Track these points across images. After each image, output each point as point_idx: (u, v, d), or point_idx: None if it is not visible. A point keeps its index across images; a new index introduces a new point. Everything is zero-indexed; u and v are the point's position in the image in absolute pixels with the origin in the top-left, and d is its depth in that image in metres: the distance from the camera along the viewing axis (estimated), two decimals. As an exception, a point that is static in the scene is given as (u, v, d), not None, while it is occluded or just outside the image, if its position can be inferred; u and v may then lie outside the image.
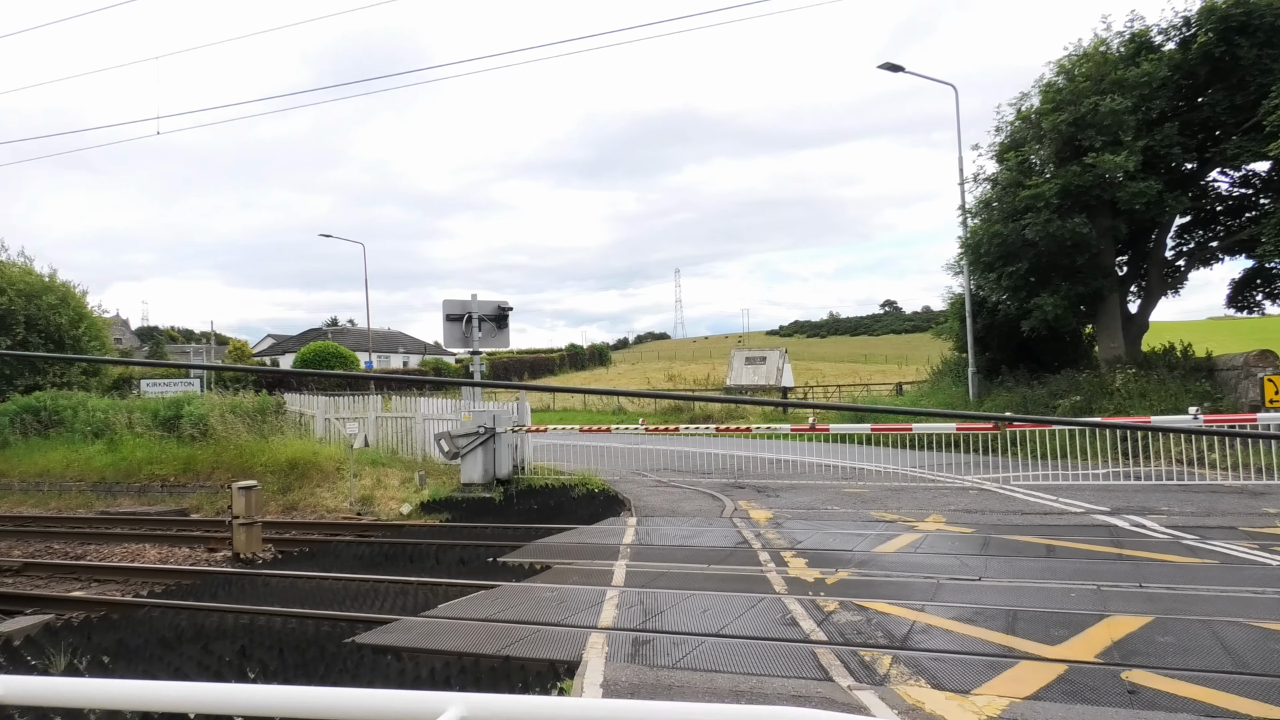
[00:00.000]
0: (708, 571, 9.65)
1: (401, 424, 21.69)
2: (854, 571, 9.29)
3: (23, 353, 29.94)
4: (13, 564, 13.36)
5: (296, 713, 1.88)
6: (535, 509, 15.54)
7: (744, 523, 12.66)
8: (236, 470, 20.09)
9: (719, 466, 19.76)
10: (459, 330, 19.08)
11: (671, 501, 15.22)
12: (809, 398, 41.11)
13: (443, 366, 63.75)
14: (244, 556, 13.16)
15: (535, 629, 7.63)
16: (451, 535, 13.54)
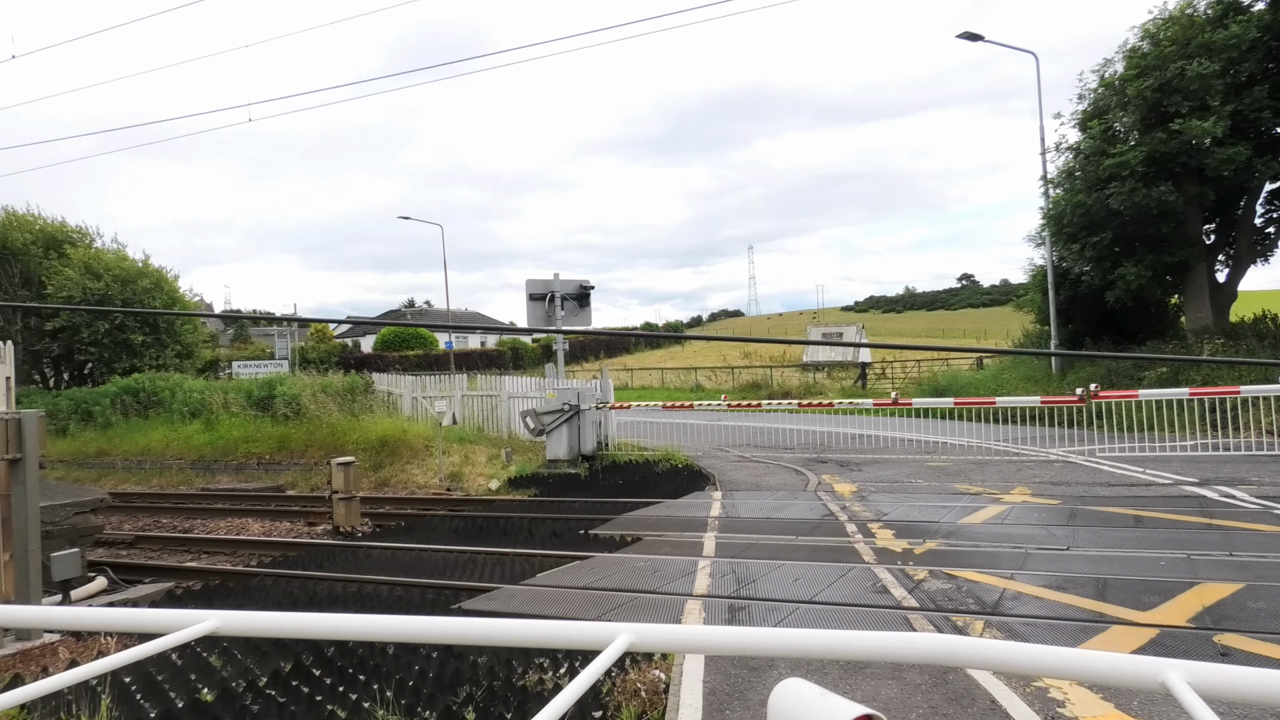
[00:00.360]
0: (796, 543, 9.75)
1: (487, 402, 22.24)
2: (941, 542, 9.28)
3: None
4: (125, 537, 14.23)
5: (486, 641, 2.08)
6: (621, 484, 15.83)
7: (828, 496, 12.70)
8: (329, 448, 20.93)
9: (800, 442, 19.75)
10: (542, 310, 19.44)
11: (755, 476, 15.32)
12: (886, 373, 40.55)
13: (520, 347, 64.76)
14: (344, 530, 13.77)
15: (632, 596, 7.87)
16: (541, 509, 13.90)
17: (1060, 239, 23.38)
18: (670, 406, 21.17)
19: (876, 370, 40.88)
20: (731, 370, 45.03)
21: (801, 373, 42.30)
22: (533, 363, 56.54)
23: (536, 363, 55.06)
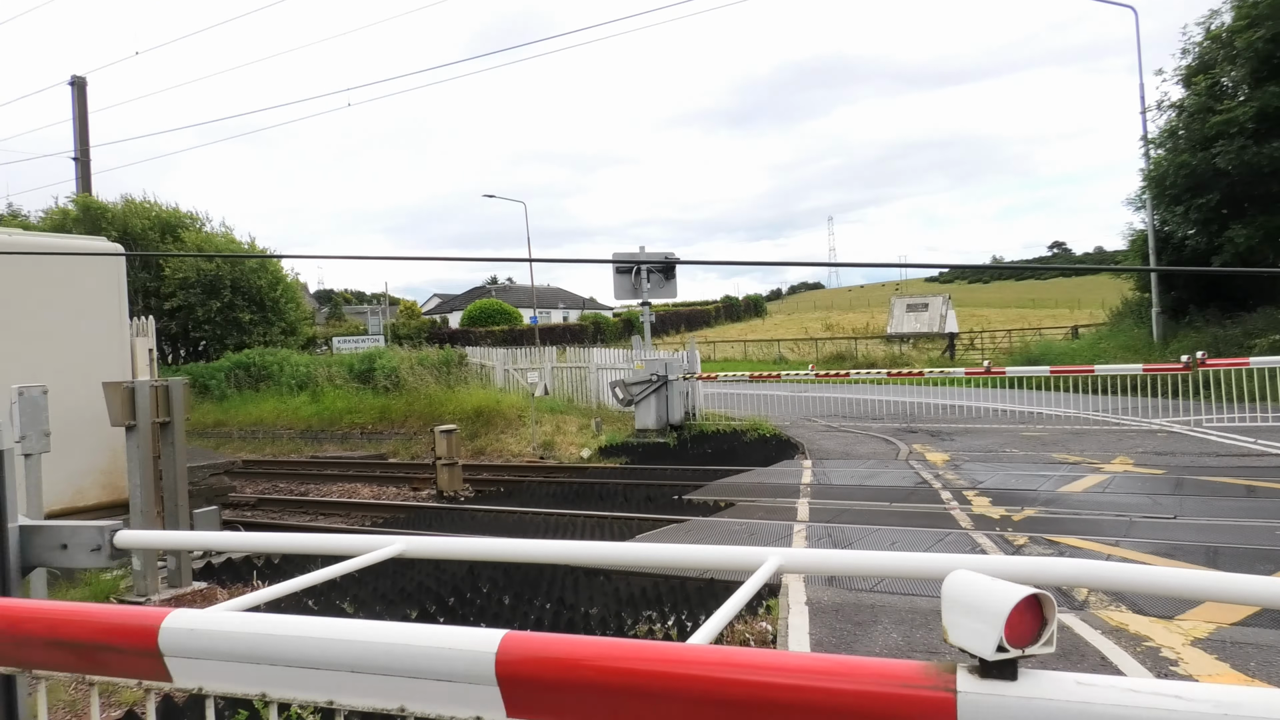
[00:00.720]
0: (890, 509, 9.84)
1: (576, 373, 22.73)
2: (1041, 509, 9.24)
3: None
4: (249, 500, 15.18)
5: (651, 563, 2.35)
6: (709, 452, 16.08)
7: (920, 465, 12.69)
8: (427, 418, 21.77)
9: (888, 412, 19.64)
10: (628, 282, 19.73)
11: (844, 445, 15.37)
12: (975, 344, 39.64)
13: (602, 321, 65.45)
14: (447, 494, 14.40)
15: (731, 557, 8.12)
16: (633, 476, 14.27)
17: (1162, 201, 22.44)
18: (757, 377, 21.24)
19: (964, 341, 40.00)
20: (815, 342, 44.68)
21: (886, 344, 41.70)
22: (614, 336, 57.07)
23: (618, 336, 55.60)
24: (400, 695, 1.58)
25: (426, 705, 1.57)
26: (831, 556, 2.29)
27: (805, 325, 62.40)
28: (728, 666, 1.42)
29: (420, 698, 1.57)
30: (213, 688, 1.73)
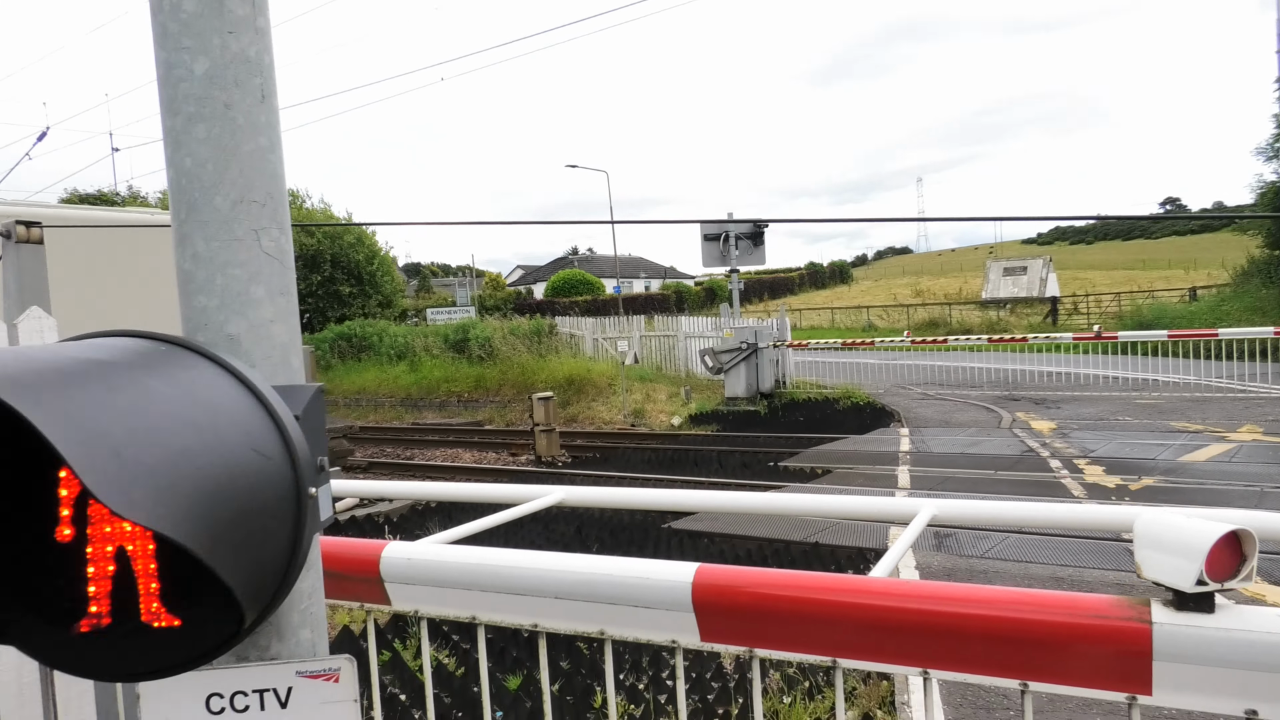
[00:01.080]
0: (996, 477, 9.68)
1: (664, 342, 22.87)
2: (1160, 479, 8.95)
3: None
4: (360, 463, 15.87)
5: (803, 512, 2.45)
6: (801, 420, 16.03)
7: (1025, 433, 12.40)
8: (520, 386, 22.29)
9: (987, 379, 19.17)
10: (716, 249, 19.69)
11: (943, 413, 15.11)
12: (1079, 308, 38.12)
13: (684, 290, 65.38)
14: (545, 459, 14.78)
15: (834, 522, 8.15)
16: (726, 443, 14.36)
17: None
18: (849, 344, 20.98)
19: (1067, 305, 38.52)
20: (906, 309, 43.71)
21: (981, 310, 40.48)
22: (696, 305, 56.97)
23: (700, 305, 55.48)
24: (600, 620, 1.72)
25: (624, 629, 1.71)
26: (987, 507, 2.35)
27: (894, 291, 61.04)
28: (921, 598, 1.52)
29: (619, 622, 1.71)
30: (426, 611, 1.91)
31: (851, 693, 4.19)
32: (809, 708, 4.04)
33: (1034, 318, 35.79)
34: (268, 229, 1.07)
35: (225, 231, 1.05)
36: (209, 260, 1.05)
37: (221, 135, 1.04)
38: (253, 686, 1.06)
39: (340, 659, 1.09)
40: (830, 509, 2.30)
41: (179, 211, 1.06)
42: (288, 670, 1.07)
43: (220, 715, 1.06)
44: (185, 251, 1.06)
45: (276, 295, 1.08)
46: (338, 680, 1.09)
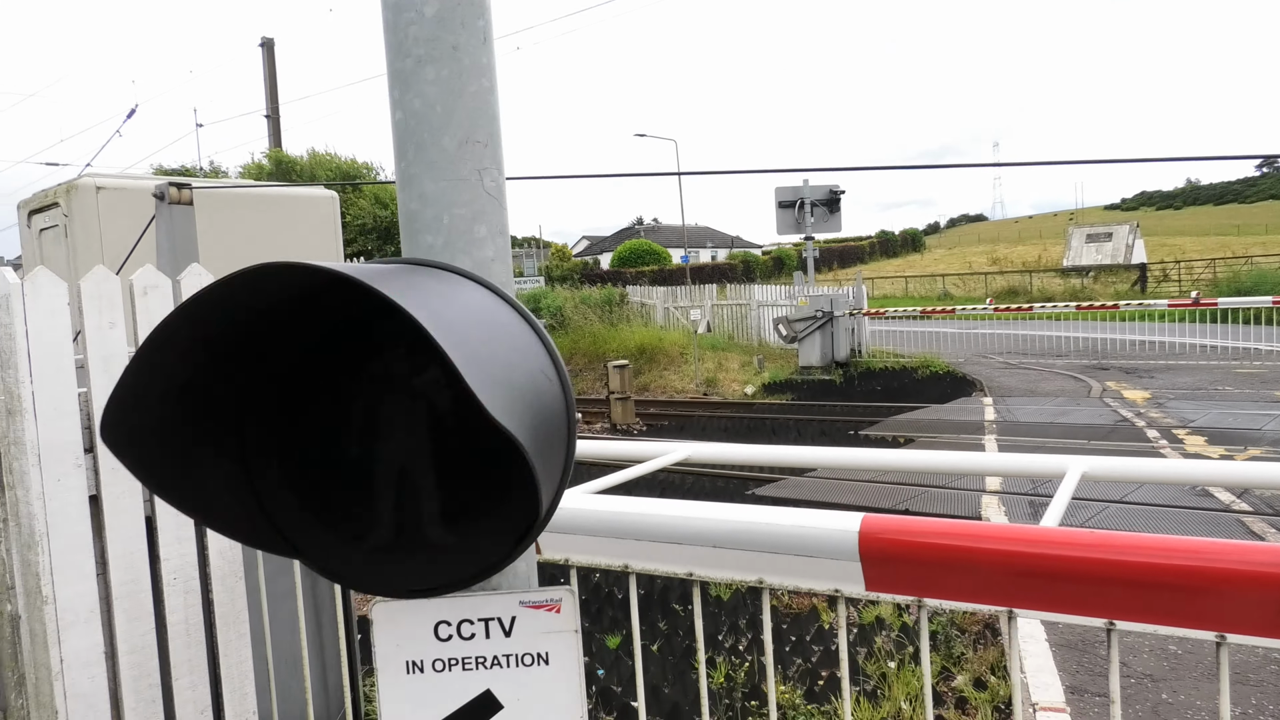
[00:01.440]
0: (1089, 446, 9.41)
1: (736, 311, 22.73)
2: (1268, 449, 8.59)
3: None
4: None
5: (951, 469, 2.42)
6: (879, 390, 15.80)
7: (1117, 402, 12.01)
8: (592, 355, 22.43)
9: (1074, 348, 18.59)
10: (791, 216, 19.42)
11: (1027, 382, 14.73)
12: (1169, 274, 36.57)
13: (751, 260, 64.78)
14: (620, 426, 14.90)
15: (922, 490, 8.05)
16: (802, 412, 14.25)
17: None
18: (928, 313, 20.55)
19: (1156, 273, 37.01)
20: (984, 277, 42.56)
21: (1063, 278, 39.17)
22: (764, 274, 56.42)
23: (768, 274, 54.92)
24: (759, 569, 1.73)
25: (784, 578, 1.72)
26: (1142, 465, 2.28)
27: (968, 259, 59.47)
28: (1106, 548, 1.49)
29: (778, 571, 1.72)
30: (577, 560, 1.96)
31: (960, 658, 4.15)
32: (916, 671, 4.01)
33: (1120, 286, 34.51)
34: (489, 169, 1.09)
35: (451, 171, 1.07)
36: (436, 199, 1.07)
37: (449, 77, 1.06)
38: (479, 615, 1.10)
39: (562, 590, 1.12)
40: (977, 466, 2.26)
41: (405, 152, 1.08)
42: (511, 600, 1.11)
43: (447, 643, 1.10)
44: (412, 191, 1.08)
45: (496, 235, 1.10)
46: (559, 611, 1.12)
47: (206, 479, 0.82)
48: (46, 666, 2.12)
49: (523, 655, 1.11)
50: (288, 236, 8.71)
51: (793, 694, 3.84)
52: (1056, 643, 4.19)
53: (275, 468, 0.83)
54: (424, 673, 1.10)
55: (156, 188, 2.49)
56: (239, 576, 2.42)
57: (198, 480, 0.81)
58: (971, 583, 1.58)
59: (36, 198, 8.63)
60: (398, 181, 1.11)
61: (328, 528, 0.85)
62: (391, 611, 1.10)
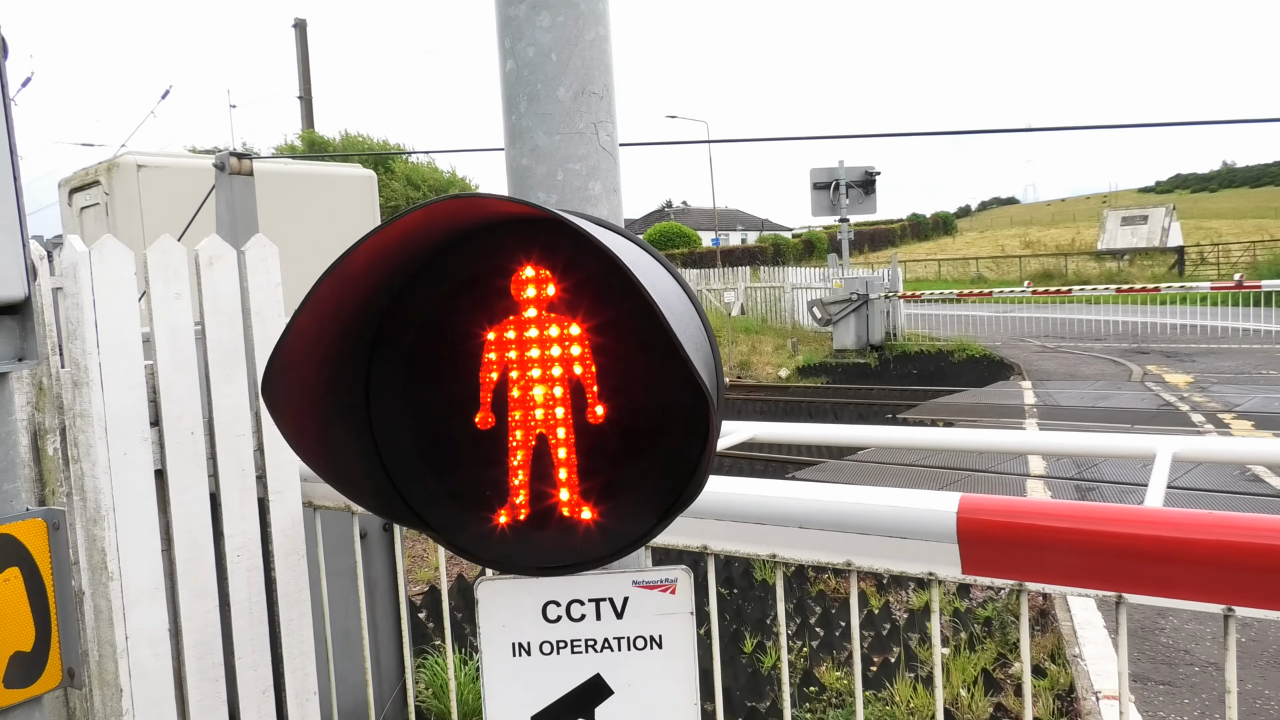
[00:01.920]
0: (1133, 431, 9.23)
1: (770, 293, 22.57)
2: (1321, 436, 8.38)
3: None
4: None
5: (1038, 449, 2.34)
6: (915, 373, 15.61)
7: (1159, 386, 11.77)
8: (623, 338, 22.40)
9: (1112, 332, 18.27)
10: (826, 198, 19.19)
11: (1067, 366, 14.49)
12: (1206, 258, 35.81)
13: (780, 241, 64.35)
14: (652, 409, 14.86)
15: (965, 474, 7.93)
16: (838, 395, 14.11)
17: None
18: (965, 295, 20.27)
19: (1193, 256, 36.28)
20: (1017, 260, 41.97)
21: (1098, 261, 38.54)
22: (794, 257, 56.03)
23: (799, 257, 54.54)
24: (848, 550, 1.66)
25: (874, 560, 1.65)
26: (1236, 445, 2.19)
27: (1001, 242, 58.65)
28: (1226, 529, 1.40)
29: (868, 553, 1.65)
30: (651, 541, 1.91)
31: (1016, 645, 4.06)
32: (974, 659, 3.94)
33: (1156, 269, 33.86)
34: (604, 123, 1.03)
35: (566, 124, 1.01)
36: (550, 154, 1.01)
37: (566, 23, 0.99)
38: (589, 595, 1.04)
39: (677, 570, 1.06)
40: (1063, 447, 2.18)
41: (516, 104, 1.02)
42: (624, 580, 1.05)
43: (556, 624, 1.05)
44: (524, 146, 1.02)
45: (610, 192, 1.04)
46: (674, 592, 1.06)
47: (345, 449, 0.77)
48: (111, 643, 2.10)
49: (635, 638, 1.05)
50: (326, 215, 8.72)
51: (849, 679, 3.77)
52: (1115, 629, 4.08)
53: (405, 438, 0.78)
54: (530, 655, 1.05)
55: (217, 158, 2.46)
56: (301, 555, 2.39)
57: (337, 450, 0.76)
58: (1078, 566, 1.51)
59: (77, 176, 8.68)
60: (506, 136, 1.05)
61: (456, 501, 0.80)
62: (497, 590, 1.05)
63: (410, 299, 0.76)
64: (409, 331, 0.77)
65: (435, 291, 0.76)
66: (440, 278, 0.76)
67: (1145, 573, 1.45)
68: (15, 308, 1.44)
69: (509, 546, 0.80)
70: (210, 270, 2.14)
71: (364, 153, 32.83)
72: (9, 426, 1.46)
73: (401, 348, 0.78)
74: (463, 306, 0.76)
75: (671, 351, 0.78)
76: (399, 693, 3.33)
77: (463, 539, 0.80)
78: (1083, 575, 1.49)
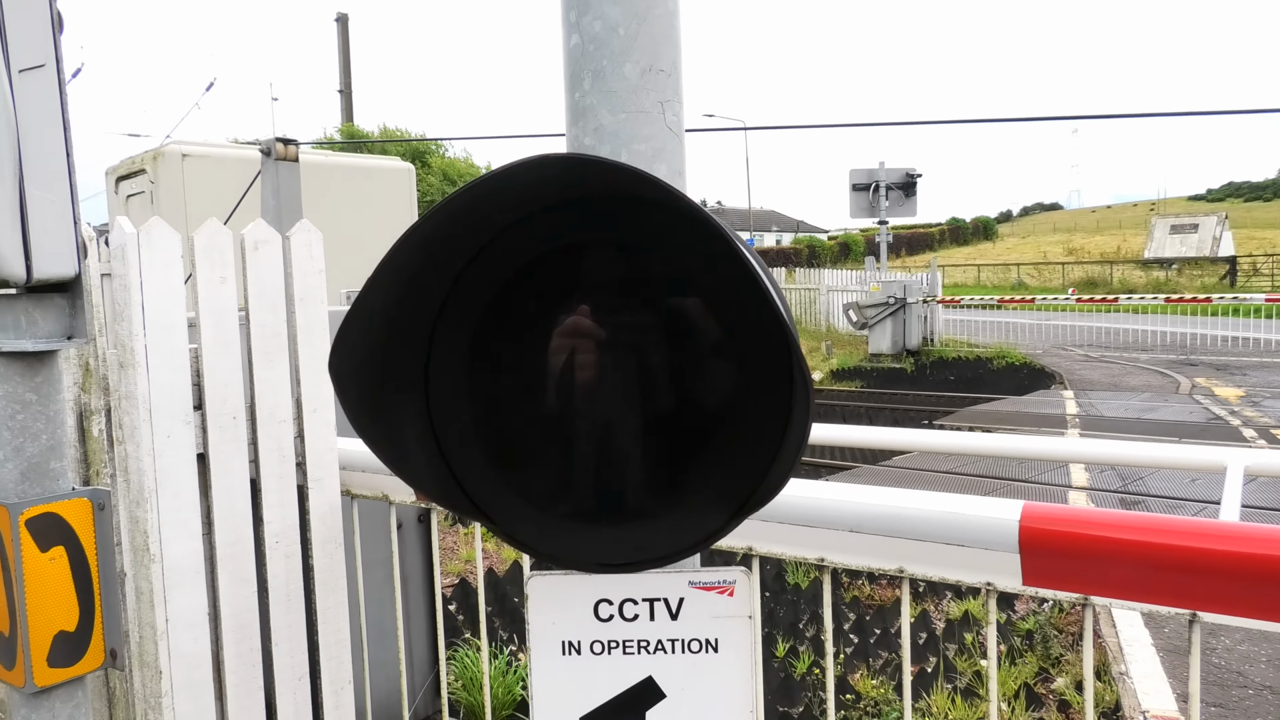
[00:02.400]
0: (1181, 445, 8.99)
1: (805, 295, 22.40)
2: (1378, 454, 8.09)
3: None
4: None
5: (1102, 459, 2.26)
6: (952, 379, 15.40)
7: (1208, 399, 11.47)
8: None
9: (1159, 343, 17.86)
10: (865, 199, 18.99)
11: (1110, 376, 14.19)
12: (1258, 269, 34.91)
13: (815, 243, 63.88)
14: (686, 409, 14.79)
15: (1004, 483, 7.78)
16: (873, 400, 13.95)
17: None
18: (1006, 302, 19.96)
19: (1246, 267, 35.39)
20: (1060, 267, 41.26)
21: (1144, 270, 37.77)
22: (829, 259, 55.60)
23: (834, 259, 54.12)
24: (900, 557, 1.60)
25: (927, 568, 1.59)
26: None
27: (1043, 248, 57.67)
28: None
29: (922, 561, 1.59)
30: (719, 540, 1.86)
31: (1058, 660, 3.96)
32: (1015, 672, 3.84)
33: (1206, 279, 33.09)
34: (671, 102, 0.98)
35: (632, 103, 0.96)
36: (614, 134, 0.97)
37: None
38: (643, 595, 1.00)
39: (736, 570, 1.02)
40: (1132, 457, 2.10)
41: (580, 81, 0.98)
42: (680, 580, 1.01)
43: (608, 623, 1.01)
44: (586, 125, 0.98)
45: (676, 176, 1.00)
46: (732, 594, 1.02)
47: (406, 435, 0.74)
48: (152, 625, 2.10)
49: (690, 641, 1.01)
50: (364, 208, 8.78)
51: (885, 688, 3.70)
52: (1164, 648, 3.97)
53: (465, 424, 0.75)
54: (580, 654, 1.02)
55: (263, 143, 2.47)
56: (339, 543, 2.38)
57: (398, 434, 0.73)
58: (1149, 581, 1.44)
59: (124, 164, 8.83)
60: (567, 116, 1.01)
61: (516, 492, 0.76)
62: (548, 586, 1.01)
63: (477, 276, 0.72)
64: (473, 311, 0.73)
65: (503, 269, 0.72)
66: (508, 254, 0.73)
67: (1224, 591, 1.38)
68: (65, 285, 1.43)
69: (569, 540, 0.76)
70: (255, 255, 2.13)
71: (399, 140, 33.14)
72: (57, 405, 1.45)
73: (465, 329, 0.74)
74: (530, 286, 0.73)
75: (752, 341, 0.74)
76: (431, 684, 3.32)
77: (522, 531, 0.76)
78: (1153, 591, 1.42)
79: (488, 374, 0.75)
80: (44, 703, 1.41)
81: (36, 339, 1.38)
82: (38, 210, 1.35)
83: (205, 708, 2.12)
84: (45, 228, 1.36)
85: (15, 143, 1.32)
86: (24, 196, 1.32)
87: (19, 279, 1.34)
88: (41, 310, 1.41)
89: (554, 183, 0.65)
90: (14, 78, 1.32)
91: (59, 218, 1.40)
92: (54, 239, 1.38)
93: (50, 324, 1.41)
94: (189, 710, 2.08)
